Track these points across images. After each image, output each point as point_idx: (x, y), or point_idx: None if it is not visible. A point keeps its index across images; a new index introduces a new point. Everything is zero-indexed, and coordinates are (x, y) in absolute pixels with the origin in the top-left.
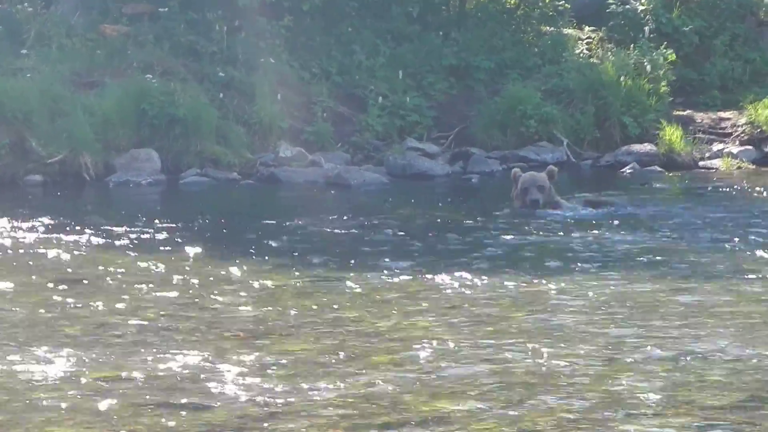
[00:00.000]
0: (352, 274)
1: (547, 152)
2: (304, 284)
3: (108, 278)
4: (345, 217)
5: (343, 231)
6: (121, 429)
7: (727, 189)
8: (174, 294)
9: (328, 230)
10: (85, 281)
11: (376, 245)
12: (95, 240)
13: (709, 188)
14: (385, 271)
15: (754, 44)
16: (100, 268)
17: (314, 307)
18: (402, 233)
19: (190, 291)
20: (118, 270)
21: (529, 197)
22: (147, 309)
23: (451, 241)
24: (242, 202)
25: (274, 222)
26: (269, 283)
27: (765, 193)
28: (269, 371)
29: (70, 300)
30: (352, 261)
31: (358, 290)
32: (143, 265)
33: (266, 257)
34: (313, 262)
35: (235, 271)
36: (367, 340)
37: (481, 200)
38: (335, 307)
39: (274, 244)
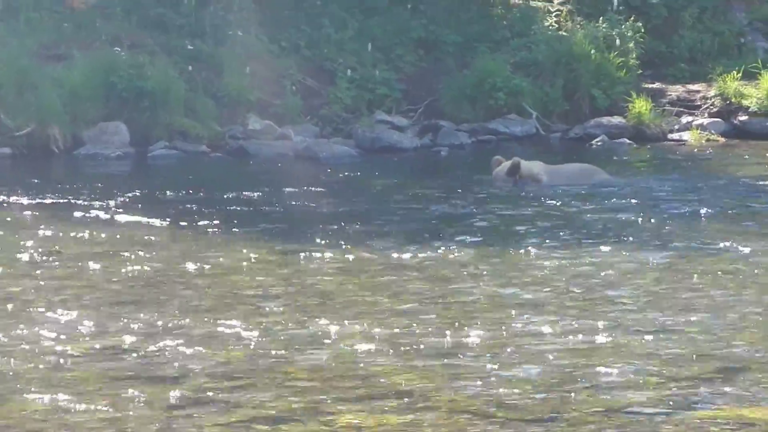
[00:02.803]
0: (319, 246)
1: (516, 125)
2: (274, 256)
3: (77, 250)
4: (313, 190)
5: (311, 204)
6: (91, 399)
7: (696, 161)
8: (143, 266)
9: (297, 203)
10: (55, 253)
11: (344, 218)
12: (64, 212)
13: (678, 161)
14: (354, 243)
15: (722, 17)
16: (69, 240)
17: (284, 278)
18: (371, 206)
19: (158, 263)
20: (87, 242)
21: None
22: (116, 281)
23: (418, 214)
24: (211, 175)
25: (242, 195)
26: (237, 255)
27: (733, 166)
28: (238, 341)
29: (37, 271)
30: (320, 233)
31: (328, 262)
32: (112, 237)
33: (235, 229)
34: (282, 234)
35: (203, 243)
36: (338, 311)
37: (451, 173)
38: (304, 278)
39: (243, 216)
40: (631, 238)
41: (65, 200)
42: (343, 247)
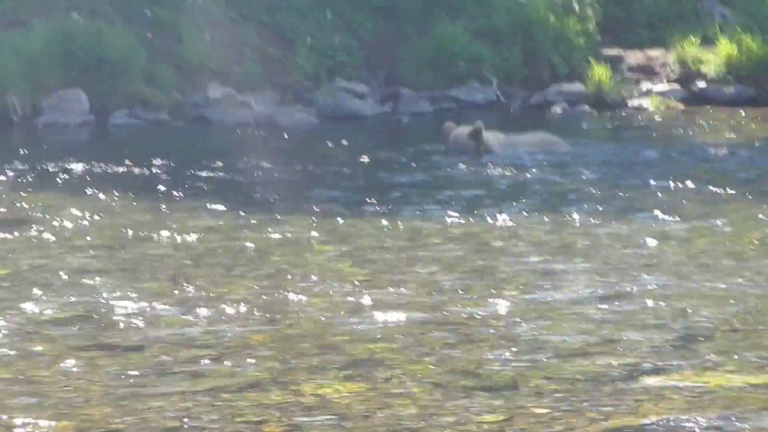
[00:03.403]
0: (279, 216)
1: (476, 92)
2: (236, 226)
3: (39, 220)
4: (274, 159)
5: (270, 173)
6: (55, 368)
7: (656, 129)
8: (104, 236)
9: (256, 171)
10: (16, 224)
11: (305, 185)
12: (25, 181)
13: (638, 128)
14: (315, 212)
15: None
16: (31, 210)
17: (247, 249)
18: (332, 176)
19: (121, 230)
20: (48, 212)
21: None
22: (77, 250)
23: (375, 180)
24: (172, 143)
25: (204, 163)
26: (200, 224)
27: (692, 132)
28: (201, 313)
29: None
30: (280, 202)
31: (289, 232)
32: (73, 205)
33: (199, 197)
34: (243, 205)
35: (167, 210)
36: (298, 284)
37: (411, 141)
38: (265, 249)
39: (205, 184)
40: (585, 208)
41: (25, 169)
42: (301, 218)
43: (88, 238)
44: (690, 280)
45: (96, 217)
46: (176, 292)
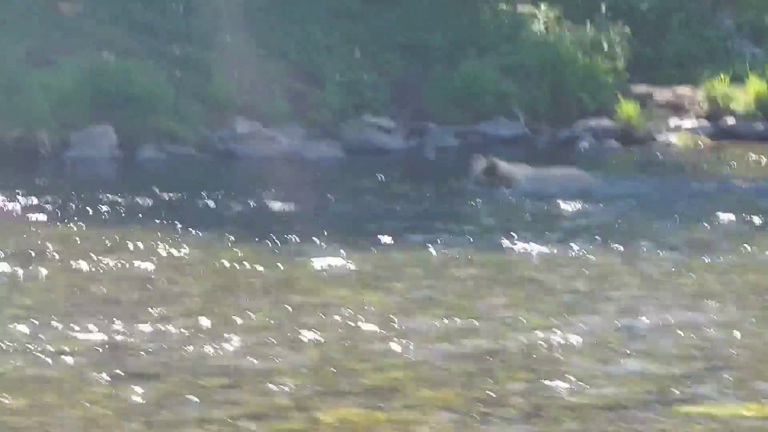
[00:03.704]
0: (304, 247)
1: (504, 127)
2: (261, 258)
3: (64, 252)
4: (300, 193)
5: (297, 206)
6: (72, 397)
7: (683, 164)
8: (131, 267)
9: (282, 205)
10: (41, 254)
11: (334, 219)
12: (51, 214)
13: (665, 163)
14: (339, 244)
15: (709, 22)
16: (56, 242)
17: (270, 279)
18: (359, 208)
19: (147, 264)
20: (74, 245)
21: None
22: (103, 282)
23: (399, 212)
24: (199, 177)
25: (231, 197)
26: (225, 255)
27: (719, 167)
28: (220, 341)
29: (21, 272)
30: (307, 236)
31: (313, 263)
32: (100, 239)
33: (224, 231)
34: (270, 236)
35: (192, 244)
36: (319, 313)
37: (439, 175)
38: (288, 279)
39: (231, 218)
40: (609, 240)
41: (54, 203)
42: (326, 248)
43: (114, 271)
44: (715, 312)
45: (121, 250)
46: (197, 320)
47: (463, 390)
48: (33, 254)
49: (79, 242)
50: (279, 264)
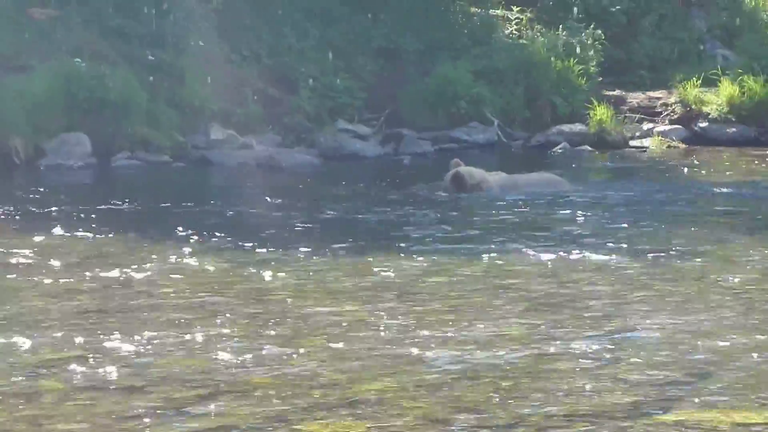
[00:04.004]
0: (282, 256)
1: (478, 133)
2: (239, 267)
3: (40, 261)
4: (276, 200)
5: (273, 213)
6: (58, 409)
7: (657, 168)
8: (106, 276)
9: (259, 212)
10: (20, 265)
11: (307, 227)
12: (24, 223)
13: (639, 168)
14: (318, 252)
15: (681, 24)
16: (31, 252)
17: (250, 289)
18: (333, 214)
19: (122, 273)
20: (50, 254)
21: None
22: (80, 292)
23: (381, 221)
24: (173, 185)
25: (205, 204)
26: (203, 265)
27: (692, 171)
28: (203, 354)
29: (1, 284)
30: (283, 242)
31: (293, 271)
32: (74, 248)
33: (200, 240)
34: (246, 245)
35: (167, 252)
36: (298, 323)
37: (413, 180)
38: (268, 289)
39: (207, 227)
40: (592, 245)
41: (28, 211)
42: (303, 257)
43: (88, 280)
44: (694, 316)
45: (97, 259)
46: (178, 333)
47: (446, 399)
48: (6, 264)
49: (53, 252)
50: (256, 273)
